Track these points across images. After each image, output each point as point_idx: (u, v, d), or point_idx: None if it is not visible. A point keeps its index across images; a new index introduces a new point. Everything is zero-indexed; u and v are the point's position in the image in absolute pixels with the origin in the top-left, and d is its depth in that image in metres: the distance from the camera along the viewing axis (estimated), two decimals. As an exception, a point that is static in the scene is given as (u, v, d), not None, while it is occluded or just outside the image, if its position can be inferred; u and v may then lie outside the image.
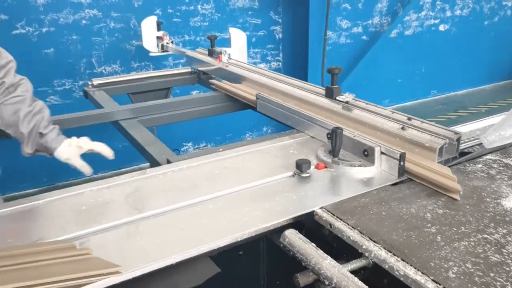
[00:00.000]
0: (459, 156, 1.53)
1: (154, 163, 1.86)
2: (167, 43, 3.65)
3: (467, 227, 1.15)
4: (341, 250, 1.18)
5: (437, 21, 6.27)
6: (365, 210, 1.25)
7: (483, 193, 1.32)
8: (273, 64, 5.11)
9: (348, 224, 1.18)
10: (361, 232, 1.14)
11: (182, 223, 1.28)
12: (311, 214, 1.28)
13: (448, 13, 6.32)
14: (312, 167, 1.54)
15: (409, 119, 1.65)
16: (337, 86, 1.95)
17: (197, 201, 1.39)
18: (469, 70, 6.82)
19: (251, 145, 1.82)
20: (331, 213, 1.25)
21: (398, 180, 1.44)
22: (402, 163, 1.45)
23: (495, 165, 1.49)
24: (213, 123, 4.40)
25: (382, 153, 1.51)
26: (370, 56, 5.61)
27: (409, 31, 6.07)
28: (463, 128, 1.80)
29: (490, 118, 1.89)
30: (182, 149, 4.74)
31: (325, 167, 1.56)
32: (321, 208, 1.28)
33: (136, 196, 1.45)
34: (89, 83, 2.98)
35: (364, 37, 5.70)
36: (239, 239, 1.20)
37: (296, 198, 1.38)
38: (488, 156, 1.55)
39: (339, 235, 1.17)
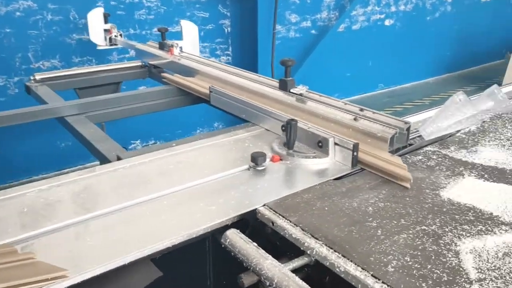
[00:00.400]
0: (401, 148, 1.55)
1: (104, 161, 1.78)
2: (115, 36, 3.50)
3: (407, 219, 1.16)
4: (285, 248, 1.16)
5: (382, 16, 6.43)
6: (308, 206, 1.23)
7: (422, 185, 1.34)
8: (223, 59, 5.04)
9: (290, 221, 1.16)
10: (303, 229, 1.12)
11: (134, 221, 1.23)
12: (254, 212, 1.24)
13: (393, 8, 6.49)
14: (268, 159, 1.53)
15: (361, 110, 1.68)
16: (291, 78, 1.96)
17: (150, 198, 1.34)
18: (414, 64, 7.07)
19: (206, 139, 1.79)
20: (273, 210, 1.22)
21: (351, 171, 1.46)
22: (355, 153, 1.47)
23: (434, 156, 1.52)
24: (163, 120, 4.28)
25: (335, 144, 1.53)
26: (319, 51, 5.66)
27: (356, 26, 6.19)
28: (412, 119, 1.82)
29: (431, 110, 1.93)
30: (129, 147, 4.58)
31: (280, 159, 1.56)
32: (264, 205, 1.25)
33: (85, 195, 1.38)
34: (32, 77, 2.81)
35: (313, 31, 5.75)
36: (181, 240, 1.16)
37: (251, 192, 1.36)
38: (428, 148, 1.58)
39: (281, 233, 1.14)
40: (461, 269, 0.96)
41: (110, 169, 1.55)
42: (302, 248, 1.08)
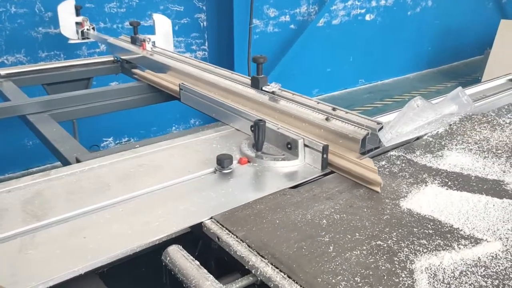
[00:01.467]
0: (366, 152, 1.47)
1: (65, 162, 1.70)
2: (87, 29, 3.39)
3: (362, 233, 1.08)
4: (234, 265, 1.07)
5: (363, 11, 6.36)
6: (259, 219, 1.15)
7: (382, 194, 1.26)
8: (199, 54, 4.93)
9: (236, 237, 1.07)
10: (249, 246, 1.03)
11: (86, 231, 1.14)
12: (201, 226, 1.15)
13: (374, 3, 6.43)
14: (235, 162, 1.46)
15: (334, 109, 1.62)
16: (263, 76, 1.91)
17: (104, 205, 1.26)
18: (394, 59, 7.03)
19: (172, 140, 1.71)
20: (220, 224, 1.13)
21: (321, 173, 1.41)
22: (325, 155, 1.42)
23: (398, 162, 1.44)
24: (137, 116, 4.17)
25: (305, 145, 1.47)
26: (298, 46, 5.58)
27: (337, 20, 6.11)
28: (385, 118, 1.75)
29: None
30: (102, 145, 4.45)
31: (248, 161, 1.49)
32: (211, 218, 1.16)
33: (36, 202, 1.28)
34: (-5, 73, 2.68)
35: (292, 26, 5.65)
36: (130, 253, 1.08)
37: (212, 198, 1.28)
38: (393, 152, 1.50)
39: (227, 250, 1.06)
40: (413, 291, 0.89)
41: (67, 173, 1.45)
42: (247, 267, 1.00)
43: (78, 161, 1.61)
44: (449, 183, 1.31)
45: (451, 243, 1.03)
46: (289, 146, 1.49)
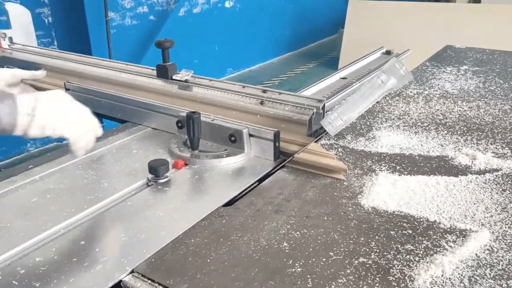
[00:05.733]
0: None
1: None
2: None
3: (336, 250, 0.85)
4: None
5: (222, -2, 6.20)
6: (200, 258, 0.84)
7: (335, 193, 1.05)
8: (48, 55, 4.21)
9: (179, 294, 0.75)
10: (202, 305, 0.73)
11: None
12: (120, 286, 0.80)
13: (231, -11, 6.31)
14: (170, 167, 1.16)
15: (264, 91, 1.44)
16: (171, 63, 1.62)
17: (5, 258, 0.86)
18: (257, 45, 7.05)
19: None
20: (147, 278, 0.79)
21: (275, 165, 1.20)
22: (277, 143, 1.22)
23: (333, 151, 1.24)
24: None
25: (250, 135, 1.24)
26: (161, 37, 5.17)
27: (197, 9, 5.85)
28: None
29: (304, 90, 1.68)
30: None
31: (185, 164, 1.21)
32: (132, 272, 0.81)
33: None
34: None
35: (151, 17, 5.21)
36: None
37: (145, 229, 0.95)
38: (323, 141, 1.30)
39: (169, 317, 0.73)
40: (433, 319, 0.69)
41: None
42: (206, 338, 0.69)
43: None
44: (398, 167, 1.15)
45: (439, 242, 0.86)
46: (232, 138, 1.24)
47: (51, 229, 0.94)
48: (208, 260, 0.83)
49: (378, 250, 0.84)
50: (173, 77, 1.61)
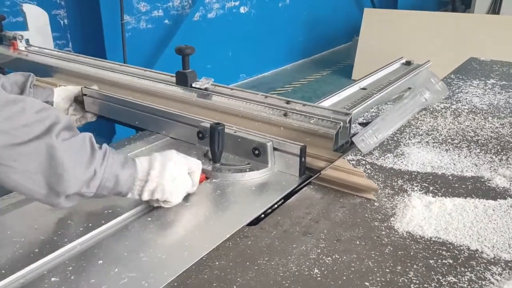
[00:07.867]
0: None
1: None
2: None
3: (372, 280, 0.79)
4: None
5: (237, 3, 6.17)
6: (225, 285, 0.78)
7: (366, 214, 0.99)
8: (63, 57, 4.20)
9: (204, 326, 0.70)
10: (229, 338, 0.67)
11: None
12: (138, 312, 0.75)
13: (246, -5, 6.29)
14: None
15: (288, 102, 1.38)
16: (191, 70, 1.58)
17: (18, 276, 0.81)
18: (271, 51, 7.00)
19: None
20: (172, 306, 0.74)
21: (300, 182, 1.14)
22: (303, 159, 1.15)
23: (361, 168, 1.19)
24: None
25: (275, 149, 1.18)
26: (176, 42, 5.14)
27: (212, 14, 5.82)
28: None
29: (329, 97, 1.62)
30: None
31: (206, 178, 1.15)
32: (154, 299, 0.76)
33: None
34: None
35: (166, 21, 5.20)
36: None
37: (169, 245, 0.91)
38: (349, 157, 1.25)
39: None
40: None
41: None
42: None
43: None
44: (431, 188, 1.09)
45: (483, 275, 0.80)
46: (256, 152, 1.18)
47: (67, 246, 0.89)
48: (234, 287, 0.77)
49: (417, 282, 0.78)
50: (193, 85, 1.57)
